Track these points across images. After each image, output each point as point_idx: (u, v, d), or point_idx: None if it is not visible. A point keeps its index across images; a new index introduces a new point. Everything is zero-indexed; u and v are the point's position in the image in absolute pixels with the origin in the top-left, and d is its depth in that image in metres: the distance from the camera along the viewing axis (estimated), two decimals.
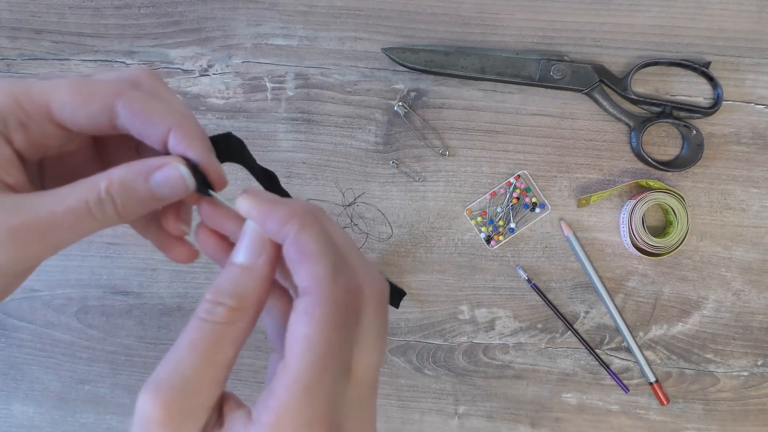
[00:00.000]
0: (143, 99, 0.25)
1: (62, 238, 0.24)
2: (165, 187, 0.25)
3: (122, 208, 0.24)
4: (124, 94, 0.25)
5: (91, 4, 0.58)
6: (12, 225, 0.23)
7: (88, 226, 0.24)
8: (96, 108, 0.25)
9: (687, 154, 0.56)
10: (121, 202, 0.24)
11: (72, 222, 0.24)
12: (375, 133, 0.58)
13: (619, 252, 0.57)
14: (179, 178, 0.25)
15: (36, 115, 0.25)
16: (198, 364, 0.23)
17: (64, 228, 0.24)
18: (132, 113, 0.25)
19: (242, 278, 0.24)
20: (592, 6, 0.56)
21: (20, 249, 0.23)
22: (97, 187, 0.24)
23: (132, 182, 0.24)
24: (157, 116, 0.25)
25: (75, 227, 0.24)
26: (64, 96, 0.25)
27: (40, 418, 0.62)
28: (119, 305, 0.61)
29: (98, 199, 0.24)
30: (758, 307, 0.57)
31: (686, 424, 0.58)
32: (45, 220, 0.23)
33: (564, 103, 0.57)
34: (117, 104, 0.25)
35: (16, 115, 0.25)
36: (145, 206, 0.25)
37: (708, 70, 0.55)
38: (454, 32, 0.57)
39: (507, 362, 0.59)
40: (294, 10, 0.58)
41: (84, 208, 0.24)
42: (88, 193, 0.24)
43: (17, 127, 0.25)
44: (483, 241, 0.58)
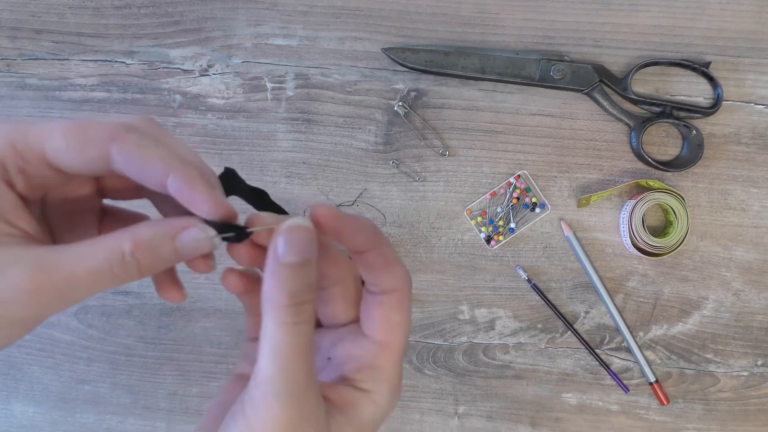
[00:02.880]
0: (139, 143, 0.25)
1: (80, 296, 0.24)
2: (190, 248, 0.25)
3: (145, 267, 0.24)
4: (119, 139, 0.25)
5: (91, 4, 0.58)
6: (34, 285, 0.22)
7: (107, 285, 0.24)
8: (91, 154, 0.24)
9: (687, 154, 0.56)
10: (145, 260, 0.24)
11: (93, 281, 0.23)
12: (375, 133, 0.58)
13: (619, 252, 0.57)
14: (205, 239, 0.25)
15: (33, 160, 0.25)
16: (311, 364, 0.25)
17: (85, 287, 0.23)
18: (127, 158, 0.25)
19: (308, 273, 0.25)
20: (592, 6, 0.56)
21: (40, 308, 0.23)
22: (121, 249, 0.24)
23: (158, 243, 0.24)
24: (153, 160, 0.25)
25: (95, 286, 0.24)
26: (59, 141, 0.24)
27: (40, 418, 0.62)
28: (119, 305, 0.61)
29: (122, 261, 0.23)
30: (758, 307, 0.57)
31: (686, 424, 0.58)
32: (66, 280, 0.23)
33: (564, 103, 0.57)
34: (112, 149, 0.24)
35: (14, 160, 0.24)
36: (166, 264, 0.25)
37: (708, 70, 0.55)
38: (454, 32, 0.57)
39: (507, 362, 0.59)
40: (294, 10, 0.58)
41: (107, 269, 0.23)
42: (111, 254, 0.23)
43: (17, 173, 0.25)
44: (483, 241, 0.58)
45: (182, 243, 0.25)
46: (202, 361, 0.61)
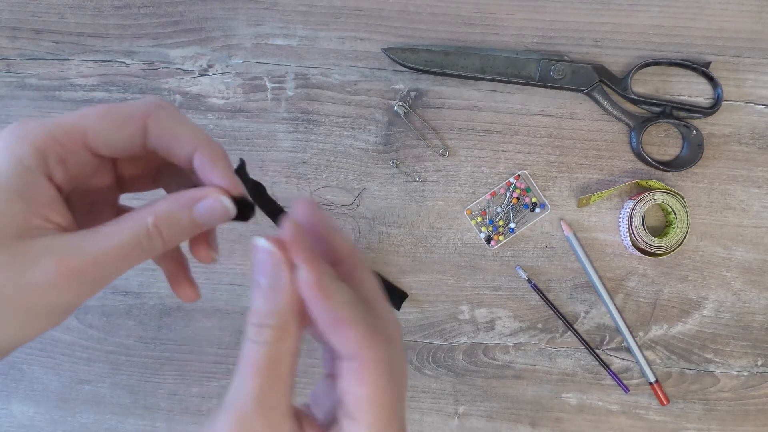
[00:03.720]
0: (171, 118, 0.27)
1: (113, 273, 0.25)
2: (208, 217, 0.27)
3: (168, 238, 0.26)
4: (153, 114, 0.27)
5: (91, 4, 0.58)
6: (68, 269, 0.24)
7: (135, 260, 0.25)
8: (130, 130, 0.27)
9: (687, 154, 0.56)
10: (167, 233, 0.26)
11: (123, 257, 0.25)
12: (375, 133, 0.58)
13: (619, 252, 0.57)
14: (221, 208, 0.27)
15: (73, 147, 0.26)
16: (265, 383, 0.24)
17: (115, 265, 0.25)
18: (161, 131, 0.27)
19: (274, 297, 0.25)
20: (592, 6, 0.56)
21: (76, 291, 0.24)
22: (145, 223, 0.25)
23: (177, 214, 0.26)
24: (183, 135, 0.27)
25: (124, 262, 0.25)
26: (99, 123, 0.26)
27: (40, 418, 0.62)
28: (119, 305, 0.61)
29: (147, 234, 0.25)
30: (758, 307, 0.57)
31: (686, 424, 0.58)
32: (99, 260, 0.24)
33: (564, 103, 0.57)
34: (149, 124, 0.27)
35: (55, 150, 0.25)
36: (187, 234, 0.27)
37: (708, 70, 0.55)
38: (454, 32, 0.57)
39: (507, 362, 0.59)
40: (294, 10, 0.58)
41: (135, 243, 0.25)
42: (137, 229, 0.25)
43: (57, 164, 0.26)
44: (483, 241, 0.58)
45: (199, 212, 0.26)
46: (202, 361, 0.61)
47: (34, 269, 0.23)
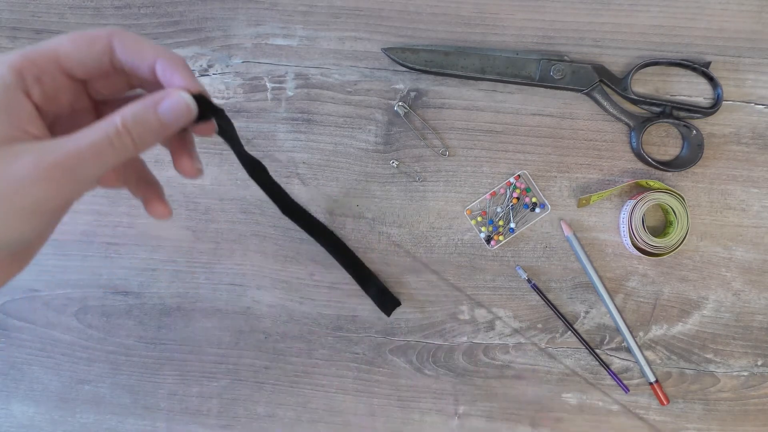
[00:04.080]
0: (133, 36, 0.31)
1: (89, 172, 0.27)
2: (171, 114, 0.29)
3: (137, 137, 0.28)
4: (117, 33, 0.30)
5: (91, 4, 0.58)
6: (46, 163, 0.26)
7: (109, 158, 0.28)
8: (97, 49, 0.30)
9: (687, 154, 0.56)
10: (136, 132, 0.28)
11: (96, 155, 0.27)
12: (375, 133, 0.58)
13: (619, 252, 0.57)
14: (183, 104, 0.30)
15: (48, 67, 0.29)
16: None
17: (90, 161, 0.27)
18: (125, 47, 0.30)
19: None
20: (592, 6, 0.56)
21: (55, 185, 0.27)
22: (114, 123, 0.28)
23: (143, 114, 0.29)
24: (145, 48, 0.31)
25: (99, 160, 0.27)
26: (69, 45, 0.30)
27: (40, 418, 0.62)
28: (119, 305, 0.61)
29: (117, 132, 0.28)
30: (758, 307, 0.57)
31: (686, 424, 0.58)
32: (73, 155, 0.27)
33: (564, 103, 0.57)
34: (113, 42, 0.30)
35: (31, 70, 0.29)
36: (156, 135, 0.29)
37: (708, 70, 0.55)
38: (454, 32, 0.57)
39: (507, 362, 0.59)
40: (294, 10, 0.58)
41: (106, 141, 0.27)
42: (107, 128, 0.28)
43: (34, 82, 0.29)
44: (483, 241, 0.58)
45: (163, 110, 0.29)
46: (202, 361, 0.61)
47: (15, 165, 0.26)
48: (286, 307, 0.60)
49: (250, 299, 0.60)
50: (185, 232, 0.60)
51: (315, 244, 0.59)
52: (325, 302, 0.59)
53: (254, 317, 0.60)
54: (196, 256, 0.60)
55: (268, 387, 0.60)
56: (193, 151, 0.34)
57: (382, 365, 0.60)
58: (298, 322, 0.60)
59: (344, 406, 0.60)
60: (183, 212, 0.59)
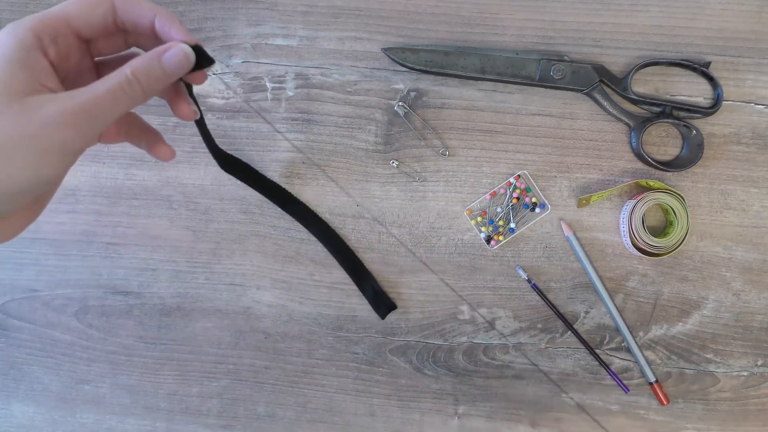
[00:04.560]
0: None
1: (106, 116, 0.32)
2: (173, 63, 0.34)
3: (146, 84, 0.33)
4: None
5: None
6: (70, 108, 0.31)
7: (123, 103, 0.32)
8: (102, 10, 0.34)
9: (687, 154, 0.56)
10: (144, 79, 0.33)
11: (111, 100, 0.32)
12: (375, 133, 0.58)
13: (619, 252, 0.57)
14: (183, 54, 0.34)
15: (61, 29, 0.33)
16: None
17: (107, 106, 0.32)
18: (126, 7, 0.35)
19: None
20: (592, 6, 0.56)
21: (77, 127, 0.31)
22: (125, 73, 0.32)
23: (149, 64, 0.33)
24: (143, 6, 0.35)
25: (114, 105, 0.32)
26: (78, 8, 0.34)
27: (40, 418, 0.62)
28: (119, 305, 0.61)
29: (128, 80, 0.32)
30: (758, 307, 0.57)
31: (686, 424, 0.58)
32: (92, 101, 0.31)
33: (564, 103, 0.57)
34: (115, 3, 0.35)
35: (47, 32, 0.33)
36: (160, 82, 0.34)
37: (708, 70, 0.55)
38: (454, 32, 0.57)
39: (507, 362, 0.59)
40: (294, 10, 0.58)
41: (119, 88, 0.32)
42: (119, 78, 0.32)
43: (50, 42, 0.33)
44: (483, 241, 0.58)
45: (167, 60, 0.34)
46: (202, 361, 0.61)
47: (42, 111, 0.30)
48: (286, 307, 0.60)
49: (250, 299, 0.60)
50: (185, 232, 0.60)
51: (315, 244, 0.59)
52: (325, 302, 0.59)
53: (254, 317, 0.60)
54: (196, 256, 0.60)
55: (268, 387, 0.61)
56: (186, 96, 0.39)
57: (382, 365, 0.60)
58: (298, 322, 0.60)
59: (344, 406, 0.60)
60: (183, 212, 0.59)
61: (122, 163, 0.60)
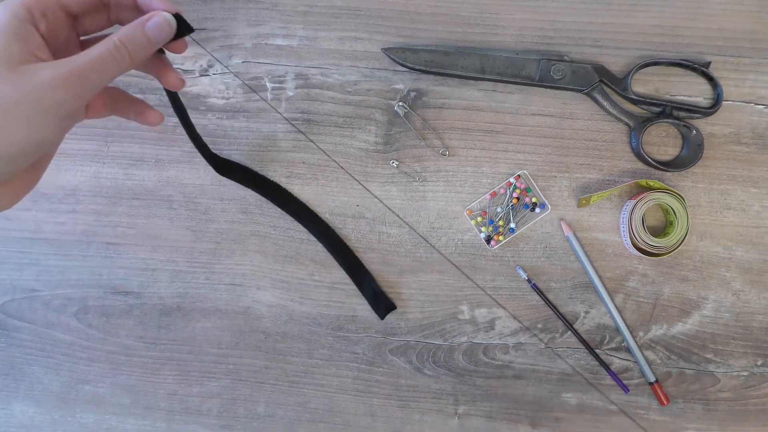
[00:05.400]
0: None
1: (97, 79, 0.34)
2: (156, 30, 0.36)
3: (132, 51, 0.35)
4: None
5: None
6: (63, 72, 0.33)
7: (112, 68, 0.35)
8: None
9: (687, 154, 0.56)
10: (131, 47, 0.35)
11: (102, 65, 0.34)
12: (375, 133, 0.58)
13: (619, 252, 0.57)
14: (165, 21, 0.37)
15: (51, 4, 0.36)
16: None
17: (98, 70, 0.34)
18: None
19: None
20: (592, 6, 0.56)
21: (71, 89, 0.33)
22: (113, 40, 0.35)
23: (133, 32, 0.36)
24: None
25: (104, 69, 0.34)
26: None
27: (40, 418, 0.62)
28: (119, 305, 0.61)
29: (115, 47, 0.35)
30: (758, 307, 0.57)
31: (686, 424, 0.58)
32: (84, 65, 0.33)
33: (564, 103, 0.57)
34: None
35: (38, 7, 0.35)
36: (146, 49, 0.36)
37: (708, 70, 0.55)
38: (454, 32, 0.57)
39: (507, 362, 0.59)
40: (294, 10, 0.58)
41: (108, 53, 0.34)
42: (107, 45, 0.34)
43: (41, 17, 0.35)
44: (483, 241, 0.58)
45: (150, 28, 0.36)
46: (202, 361, 0.61)
47: (37, 76, 0.33)
48: (286, 307, 0.60)
49: (250, 299, 0.60)
50: (185, 232, 0.60)
51: (315, 244, 0.59)
52: (325, 302, 0.59)
53: (254, 317, 0.60)
54: (196, 256, 0.60)
55: (268, 387, 0.61)
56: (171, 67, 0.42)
57: (382, 365, 0.60)
58: (298, 322, 0.60)
59: (344, 406, 0.60)
60: (183, 212, 0.59)
61: (122, 163, 0.60)
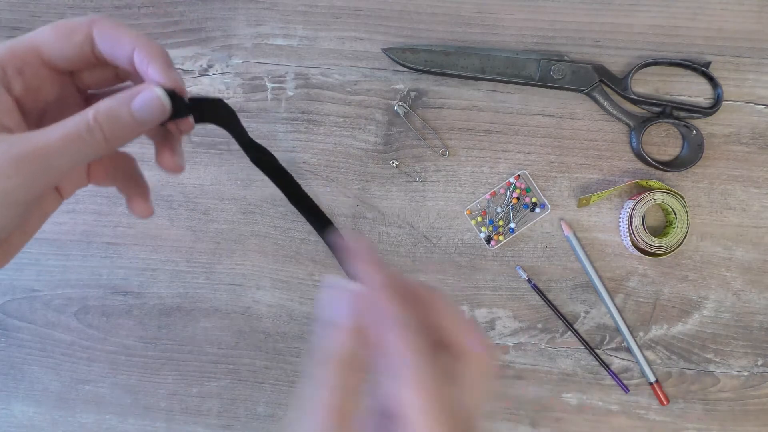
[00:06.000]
0: (113, 24, 0.30)
1: (59, 165, 0.27)
2: (144, 110, 0.28)
3: (109, 133, 0.28)
4: (98, 21, 0.30)
5: (91, 5, 0.58)
6: (14, 154, 0.26)
7: (81, 152, 0.27)
8: (78, 39, 0.29)
9: (687, 154, 0.56)
10: (108, 127, 0.28)
11: (66, 148, 0.27)
12: (375, 133, 0.58)
13: (619, 252, 0.57)
14: (156, 100, 0.28)
15: (30, 59, 0.29)
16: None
17: (60, 155, 0.27)
18: (104, 36, 0.30)
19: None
20: (592, 6, 0.56)
21: (23, 176, 0.27)
22: (87, 117, 0.27)
23: (116, 109, 0.28)
24: (124, 37, 0.30)
25: (69, 153, 0.27)
26: (50, 36, 0.29)
27: (40, 418, 0.62)
28: (119, 305, 0.61)
29: (88, 127, 0.27)
30: (758, 307, 0.57)
31: (686, 424, 0.58)
32: (42, 148, 0.26)
33: (564, 103, 0.57)
34: (93, 31, 0.29)
35: (13, 63, 0.29)
36: (129, 130, 0.28)
37: (708, 70, 0.55)
38: (454, 32, 0.57)
39: (507, 362, 0.59)
40: (294, 10, 0.58)
41: (76, 134, 0.27)
42: (79, 122, 0.27)
43: (15, 75, 0.29)
44: (483, 241, 0.58)
45: (136, 106, 0.28)
46: (202, 361, 0.61)
47: None
48: (286, 307, 0.60)
49: (250, 299, 0.60)
50: (185, 232, 0.60)
51: (315, 244, 0.59)
52: None
53: (254, 317, 0.60)
54: (196, 256, 0.60)
55: (268, 387, 0.60)
56: (176, 145, 0.33)
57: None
58: (298, 322, 0.60)
59: None
60: (183, 212, 0.59)
61: None
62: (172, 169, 0.33)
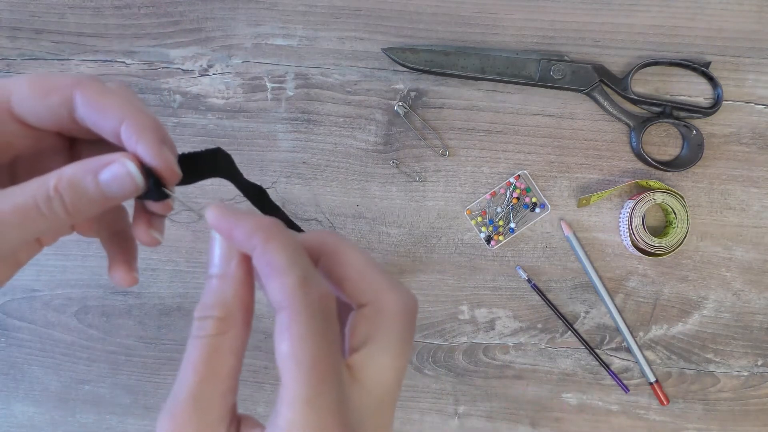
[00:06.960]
0: (99, 90, 0.26)
1: (11, 237, 0.24)
2: (113, 185, 0.24)
3: (71, 205, 0.24)
4: (82, 84, 0.25)
5: (91, 4, 0.58)
6: None
7: (36, 225, 0.24)
8: (55, 100, 0.25)
9: (687, 154, 0.56)
10: (70, 200, 0.24)
11: (20, 220, 0.23)
12: (375, 133, 0.58)
13: (619, 252, 0.57)
14: (127, 175, 0.24)
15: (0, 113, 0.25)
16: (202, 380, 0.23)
17: (12, 226, 0.23)
18: (88, 102, 0.25)
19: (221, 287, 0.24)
20: (592, 6, 0.56)
21: None
22: (47, 185, 0.23)
23: (81, 180, 0.24)
24: (110, 107, 0.25)
25: (23, 225, 0.23)
26: (24, 90, 0.25)
27: (40, 418, 0.62)
28: (119, 305, 0.61)
29: (47, 197, 0.23)
30: (758, 307, 0.57)
31: (686, 424, 0.58)
32: None
33: (564, 103, 0.57)
34: (75, 95, 0.25)
35: None
36: (94, 205, 0.24)
37: (708, 70, 0.55)
38: (454, 32, 0.57)
39: (507, 362, 0.59)
40: (294, 10, 0.58)
41: (32, 205, 0.23)
42: (37, 191, 0.23)
43: None
44: (483, 241, 0.58)
45: (104, 178, 0.24)
46: None
47: None
48: None
49: None
50: (185, 232, 0.60)
51: None
52: None
53: (254, 317, 0.60)
54: (196, 256, 0.60)
55: (268, 387, 0.60)
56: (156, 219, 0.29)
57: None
58: None
59: None
60: (183, 212, 0.59)
61: None
62: (146, 242, 0.29)
